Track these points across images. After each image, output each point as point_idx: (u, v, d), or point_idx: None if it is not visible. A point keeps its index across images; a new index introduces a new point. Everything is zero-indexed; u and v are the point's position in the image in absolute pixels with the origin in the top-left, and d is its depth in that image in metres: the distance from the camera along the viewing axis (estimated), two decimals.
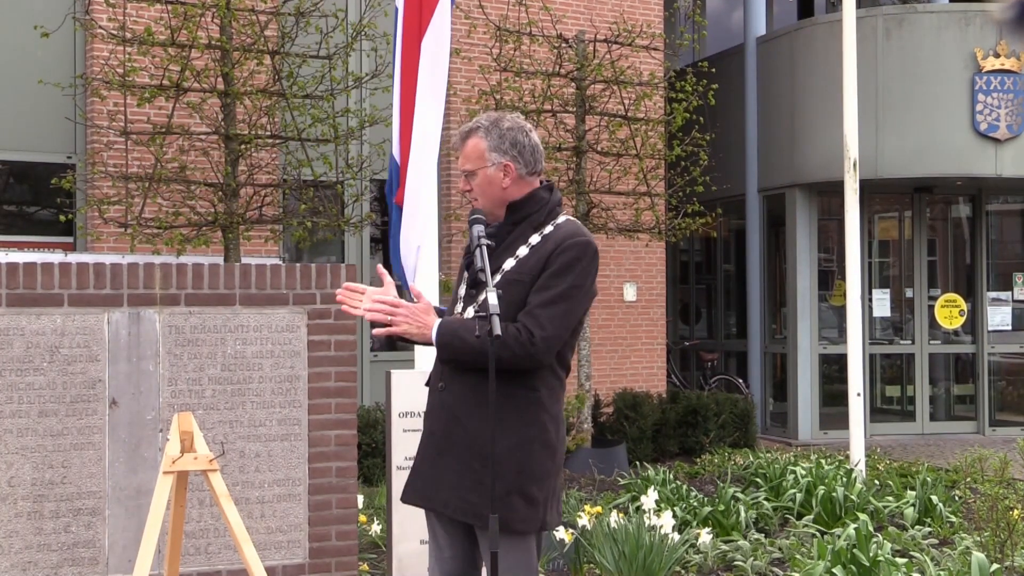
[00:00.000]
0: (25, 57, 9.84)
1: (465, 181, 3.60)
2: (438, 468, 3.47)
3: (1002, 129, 12.51)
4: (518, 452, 3.45)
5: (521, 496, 3.43)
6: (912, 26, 12.77)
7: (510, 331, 3.36)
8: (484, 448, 3.37)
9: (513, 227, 3.57)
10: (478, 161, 3.56)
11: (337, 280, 4.89)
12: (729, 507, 7.23)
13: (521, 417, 3.46)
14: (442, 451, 3.47)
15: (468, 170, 3.58)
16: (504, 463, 3.41)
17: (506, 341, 3.32)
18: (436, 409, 3.53)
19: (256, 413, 4.74)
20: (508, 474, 3.42)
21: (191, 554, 4.60)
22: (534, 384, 3.47)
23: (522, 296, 3.46)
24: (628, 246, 12.25)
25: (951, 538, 6.94)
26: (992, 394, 13.81)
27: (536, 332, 3.38)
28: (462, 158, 3.59)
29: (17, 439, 4.40)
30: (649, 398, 11.49)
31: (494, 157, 3.56)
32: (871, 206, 13.73)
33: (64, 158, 10.07)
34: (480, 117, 3.66)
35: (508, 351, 3.35)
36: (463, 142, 3.59)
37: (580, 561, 6.13)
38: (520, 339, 3.37)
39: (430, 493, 3.49)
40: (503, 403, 3.40)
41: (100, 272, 4.53)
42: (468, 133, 3.60)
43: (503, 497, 3.40)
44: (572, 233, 3.53)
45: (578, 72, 10.80)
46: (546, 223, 3.57)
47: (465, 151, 3.58)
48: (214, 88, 9.04)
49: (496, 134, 3.56)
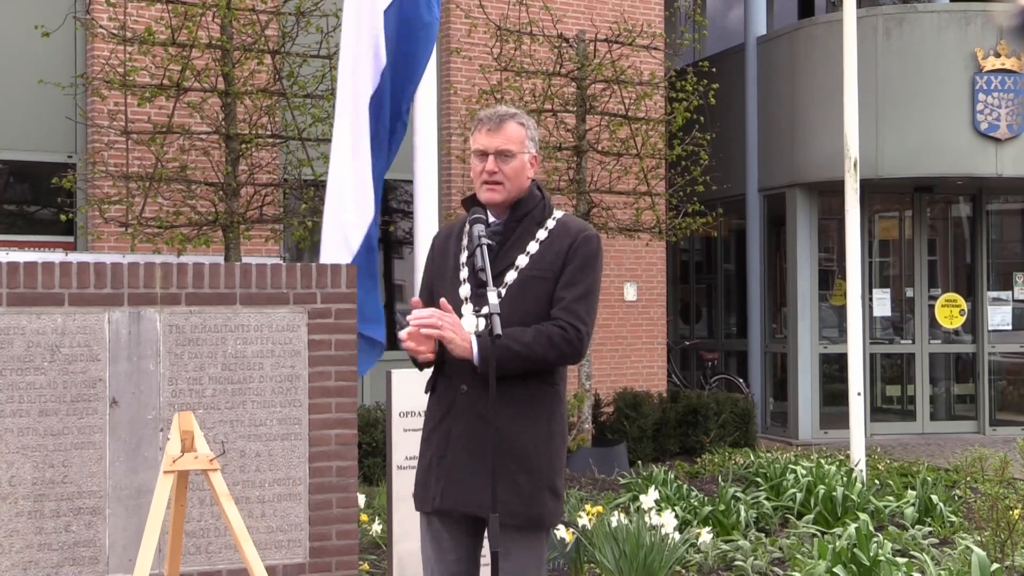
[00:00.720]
0: (26, 56, 9.84)
1: (493, 161, 3.52)
2: (474, 472, 3.41)
3: (1002, 129, 12.51)
4: (546, 448, 3.49)
5: (551, 491, 3.49)
6: (912, 26, 12.77)
7: (552, 330, 3.41)
8: (516, 447, 3.41)
9: (517, 224, 3.58)
10: (519, 145, 3.57)
11: (337, 279, 4.89)
12: (729, 507, 7.23)
13: (545, 412, 3.50)
14: (473, 453, 3.42)
15: (509, 151, 3.54)
16: (536, 460, 3.45)
17: (553, 341, 3.40)
18: (462, 411, 3.46)
19: (256, 412, 4.74)
20: (540, 471, 3.46)
21: (192, 553, 4.60)
22: (554, 379, 3.54)
23: (545, 292, 3.49)
24: (628, 246, 12.25)
25: (951, 538, 6.94)
26: (992, 394, 13.81)
27: (580, 327, 3.45)
28: (502, 138, 3.53)
29: (18, 438, 4.40)
30: (649, 397, 11.49)
31: (530, 147, 3.61)
32: (871, 206, 13.72)
33: (65, 157, 10.07)
34: (500, 108, 3.64)
35: (556, 351, 3.41)
36: (501, 123, 3.54)
37: (581, 560, 6.13)
38: (567, 336, 3.43)
39: (469, 497, 3.42)
40: (529, 400, 3.46)
41: (101, 271, 4.53)
42: (506, 116, 3.57)
43: (535, 494, 3.44)
44: (583, 227, 3.61)
45: (579, 72, 10.80)
46: (546, 218, 3.61)
47: (507, 133, 3.54)
48: (215, 88, 9.05)
49: (530, 126, 3.62)
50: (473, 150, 3.61)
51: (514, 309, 3.43)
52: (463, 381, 3.46)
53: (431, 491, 3.51)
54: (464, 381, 3.45)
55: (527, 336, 3.39)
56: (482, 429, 3.40)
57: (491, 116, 3.57)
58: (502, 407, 3.38)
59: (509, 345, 3.35)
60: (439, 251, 3.71)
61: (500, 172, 3.53)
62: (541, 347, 3.40)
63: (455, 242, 3.67)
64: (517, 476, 3.41)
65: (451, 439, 3.48)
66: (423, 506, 3.56)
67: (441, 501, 3.48)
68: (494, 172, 3.52)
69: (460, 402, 3.47)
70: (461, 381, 3.46)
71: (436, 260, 3.70)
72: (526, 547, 3.47)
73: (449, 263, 3.63)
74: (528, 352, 3.38)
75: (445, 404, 3.51)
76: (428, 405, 3.63)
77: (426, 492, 3.54)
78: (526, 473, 3.42)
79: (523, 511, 3.42)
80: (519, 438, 3.43)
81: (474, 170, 3.62)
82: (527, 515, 3.43)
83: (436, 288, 3.63)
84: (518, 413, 3.44)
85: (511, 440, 3.41)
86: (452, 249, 3.66)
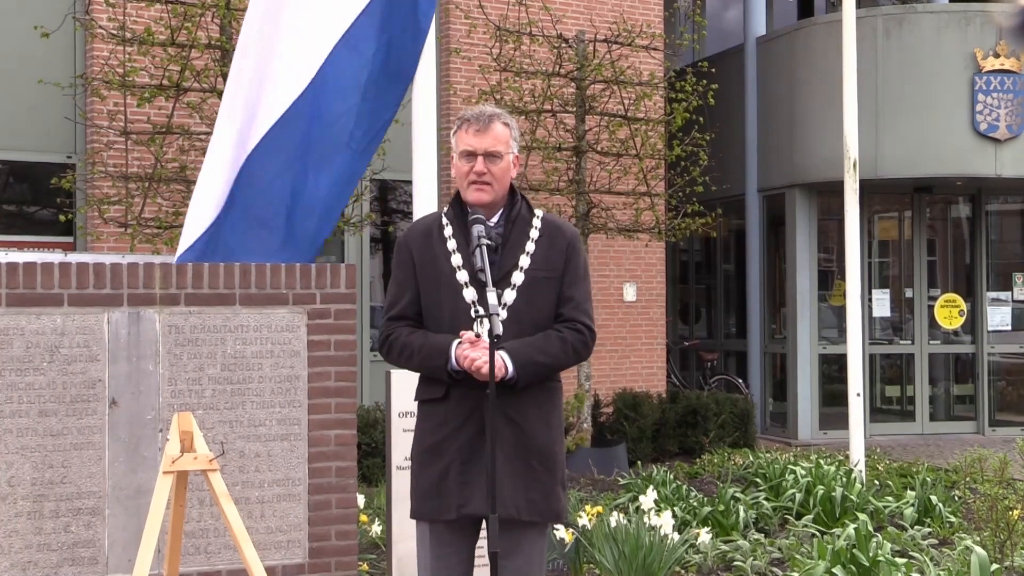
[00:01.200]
0: (25, 57, 9.84)
1: (482, 162, 3.49)
2: (507, 473, 3.41)
3: (1002, 129, 12.51)
4: (560, 444, 3.56)
5: (562, 486, 3.54)
6: (912, 26, 12.77)
7: (571, 335, 3.49)
8: (541, 446, 3.46)
9: (512, 224, 3.57)
10: (506, 145, 3.55)
11: (337, 280, 4.89)
12: (729, 507, 7.23)
13: (556, 409, 3.57)
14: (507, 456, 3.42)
15: (498, 152, 3.51)
16: (554, 457, 3.50)
17: (575, 346, 3.48)
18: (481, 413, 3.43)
19: (256, 413, 4.74)
20: (558, 467, 3.51)
21: (191, 554, 4.60)
22: (558, 376, 3.61)
23: (554, 291, 3.53)
24: (628, 246, 12.25)
25: (951, 538, 6.94)
26: (992, 394, 13.81)
27: (592, 326, 3.55)
28: (491, 139, 3.50)
29: (17, 439, 4.40)
30: (649, 398, 11.49)
31: (514, 147, 3.60)
32: (871, 206, 13.72)
33: (64, 158, 10.07)
34: (487, 107, 3.62)
35: (577, 355, 3.51)
36: (489, 124, 3.52)
37: (580, 561, 6.13)
38: (584, 339, 3.51)
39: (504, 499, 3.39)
40: (548, 398, 3.53)
41: (100, 272, 4.53)
42: (493, 117, 3.55)
43: (555, 490, 3.50)
44: (568, 224, 3.67)
45: (578, 72, 10.80)
46: (533, 217, 3.61)
47: (495, 133, 3.52)
48: (214, 88, 9.04)
49: (513, 126, 3.61)
50: (459, 150, 3.54)
51: (528, 310, 3.47)
52: (484, 386, 3.40)
53: (452, 499, 3.45)
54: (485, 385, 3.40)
55: (553, 347, 3.46)
56: (510, 431, 3.42)
57: (478, 116, 3.53)
58: (527, 407, 3.44)
59: (537, 359, 3.42)
60: (421, 252, 3.57)
61: (488, 173, 3.50)
62: (566, 354, 3.49)
63: (439, 243, 3.56)
64: (542, 475, 3.46)
65: (479, 444, 3.42)
66: (440, 514, 3.47)
67: (472, 506, 3.42)
68: (483, 173, 3.49)
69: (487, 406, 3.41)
70: (485, 386, 3.39)
71: (420, 262, 3.57)
72: (535, 542, 3.52)
73: (442, 266, 3.53)
74: (554, 362, 3.47)
75: (466, 410, 3.46)
76: (434, 414, 3.54)
77: (444, 500, 3.46)
78: (548, 471, 3.48)
79: (547, 508, 3.48)
80: (542, 436, 3.48)
81: (459, 170, 3.56)
82: (550, 511, 3.50)
83: (427, 292, 3.54)
84: (539, 412, 3.49)
85: (535, 439, 3.46)
86: (439, 250, 3.55)
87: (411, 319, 3.57)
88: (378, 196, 11.62)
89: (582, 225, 10.65)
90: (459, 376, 3.43)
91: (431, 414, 3.54)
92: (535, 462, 3.45)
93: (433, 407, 3.53)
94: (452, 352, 3.41)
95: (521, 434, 3.44)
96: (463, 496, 3.44)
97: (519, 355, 3.40)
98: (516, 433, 3.43)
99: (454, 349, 3.41)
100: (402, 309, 3.57)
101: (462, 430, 3.46)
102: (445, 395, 3.50)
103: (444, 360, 3.43)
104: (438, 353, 3.44)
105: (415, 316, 3.57)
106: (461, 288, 3.50)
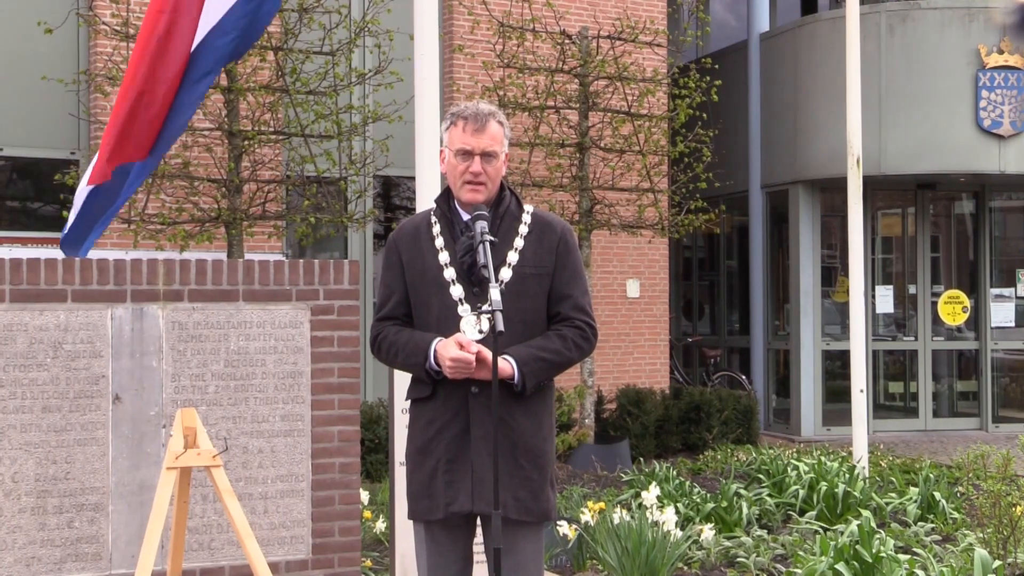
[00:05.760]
0: (28, 53, 9.85)
1: (479, 162, 3.46)
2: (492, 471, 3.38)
3: (1005, 126, 12.49)
4: (550, 443, 3.55)
5: (551, 485, 3.53)
6: (915, 22, 12.75)
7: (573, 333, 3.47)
8: (530, 445, 3.45)
9: (500, 221, 3.53)
10: (501, 145, 3.52)
11: (340, 276, 4.89)
12: (732, 503, 7.24)
13: (547, 408, 3.55)
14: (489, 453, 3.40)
15: (494, 152, 3.49)
16: (543, 455, 3.50)
17: (578, 344, 3.47)
18: (478, 411, 3.42)
19: (259, 409, 4.74)
20: (547, 465, 3.51)
21: (194, 550, 4.61)
22: None
23: (543, 288, 3.50)
24: (631, 242, 12.25)
25: (954, 535, 6.94)
26: (995, 391, 13.80)
27: (593, 323, 3.53)
28: (488, 139, 3.47)
29: (21, 435, 4.41)
30: (652, 394, 11.49)
31: (506, 145, 3.58)
32: (874, 202, 13.71)
33: (67, 154, 10.08)
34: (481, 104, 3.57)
35: (580, 352, 3.49)
36: (486, 123, 3.48)
37: (583, 557, 6.14)
38: (586, 335, 3.50)
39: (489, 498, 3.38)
40: (539, 397, 3.50)
41: (103, 268, 4.53)
42: (489, 116, 3.50)
43: (544, 489, 3.49)
44: (560, 219, 3.64)
45: (581, 68, 10.80)
46: (522, 212, 3.58)
47: (491, 133, 3.48)
48: (217, 84, 9.04)
49: (506, 124, 3.58)
50: (455, 149, 3.50)
51: (514, 306, 3.41)
52: (472, 383, 3.41)
53: (439, 499, 3.45)
54: (474, 383, 3.41)
55: (555, 344, 3.44)
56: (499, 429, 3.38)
57: (475, 115, 3.49)
58: (516, 406, 3.41)
59: (543, 357, 3.40)
60: (410, 252, 3.55)
61: (484, 173, 3.47)
62: (569, 352, 3.47)
63: (427, 241, 3.54)
64: (531, 473, 3.45)
65: (465, 442, 3.43)
66: (431, 514, 3.47)
67: (458, 504, 3.43)
68: (479, 173, 3.47)
69: (473, 404, 3.43)
70: (470, 383, 3.41)
71: (408, 262, 3.54)
72: (531, 540, 3.50)
73: (429, 263, 3.52)
74: (559, 359, 3.45)
75: (451, 408, 3.45)
76: (423, 413, 3.53)
77: (434, 500, 3.46)
78: (537, 469, 3.46)
79: (535, 507, 3.46)
80: (532, 435, 3.46)
81: (454, 168, 3.51)
82: (538, 510, 3.48)
83: (415, 291, 3.53)
84: (528, 410, 3.47)
85: (525, 437, 3.44)
86: (426, 249, 3.53)
87: (400, 319, 3.56)
88: (381, 192, 11.62)
89: (585, 221, 10.65)
90: (439, 376, 3.43)
91: (421, 413, 3.55)
92: (524, 461, 3.43)
93: (422, 406, 3.54)
94: (431, 351, 3.41)
95: (511, 433, 3.42)
96: (449, 495, 3.44)
97: (521, 355, 3.39)
98: (505, 432, 3.40)
99: (433, 347, 3.41)
100: (391, 309, 3.57)
101: (448, 429, 3.46)
102: (432, 394, 3.49)
103: (423, 358, 3.43)
104: (419, 351, 3.45)
105: (404, 316, 3.56)
106: (448, 286, 3.48)
